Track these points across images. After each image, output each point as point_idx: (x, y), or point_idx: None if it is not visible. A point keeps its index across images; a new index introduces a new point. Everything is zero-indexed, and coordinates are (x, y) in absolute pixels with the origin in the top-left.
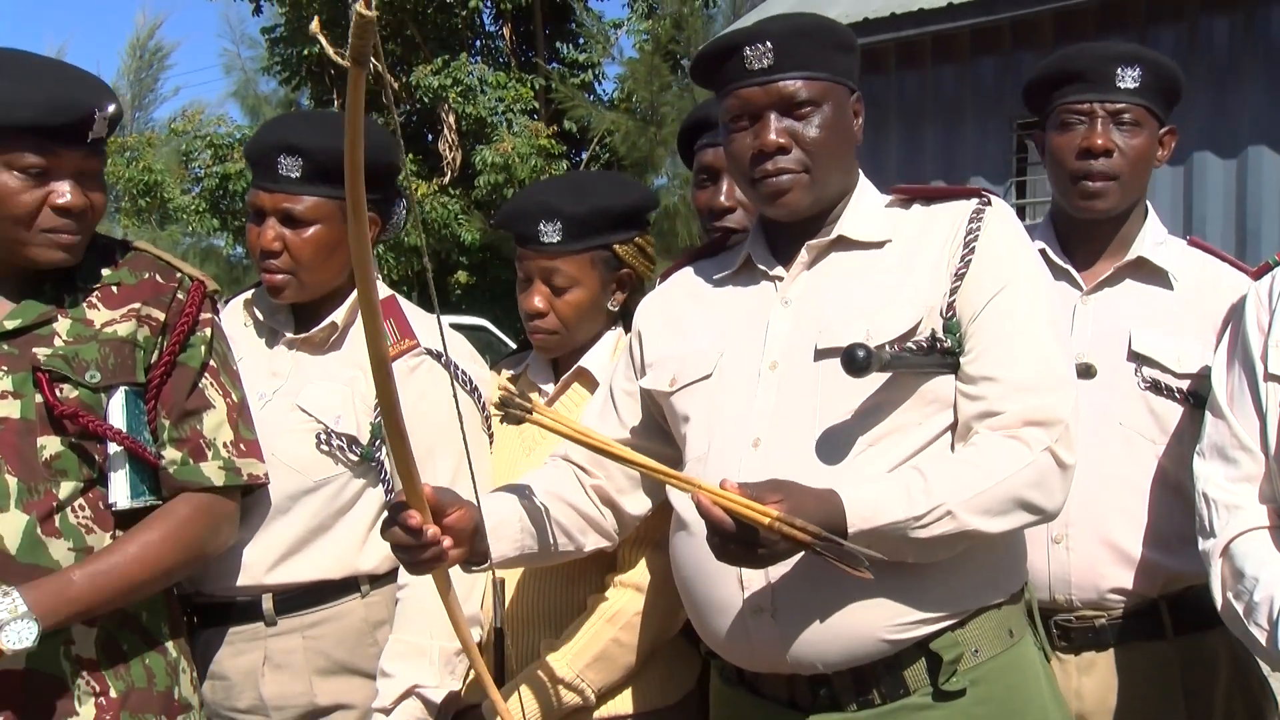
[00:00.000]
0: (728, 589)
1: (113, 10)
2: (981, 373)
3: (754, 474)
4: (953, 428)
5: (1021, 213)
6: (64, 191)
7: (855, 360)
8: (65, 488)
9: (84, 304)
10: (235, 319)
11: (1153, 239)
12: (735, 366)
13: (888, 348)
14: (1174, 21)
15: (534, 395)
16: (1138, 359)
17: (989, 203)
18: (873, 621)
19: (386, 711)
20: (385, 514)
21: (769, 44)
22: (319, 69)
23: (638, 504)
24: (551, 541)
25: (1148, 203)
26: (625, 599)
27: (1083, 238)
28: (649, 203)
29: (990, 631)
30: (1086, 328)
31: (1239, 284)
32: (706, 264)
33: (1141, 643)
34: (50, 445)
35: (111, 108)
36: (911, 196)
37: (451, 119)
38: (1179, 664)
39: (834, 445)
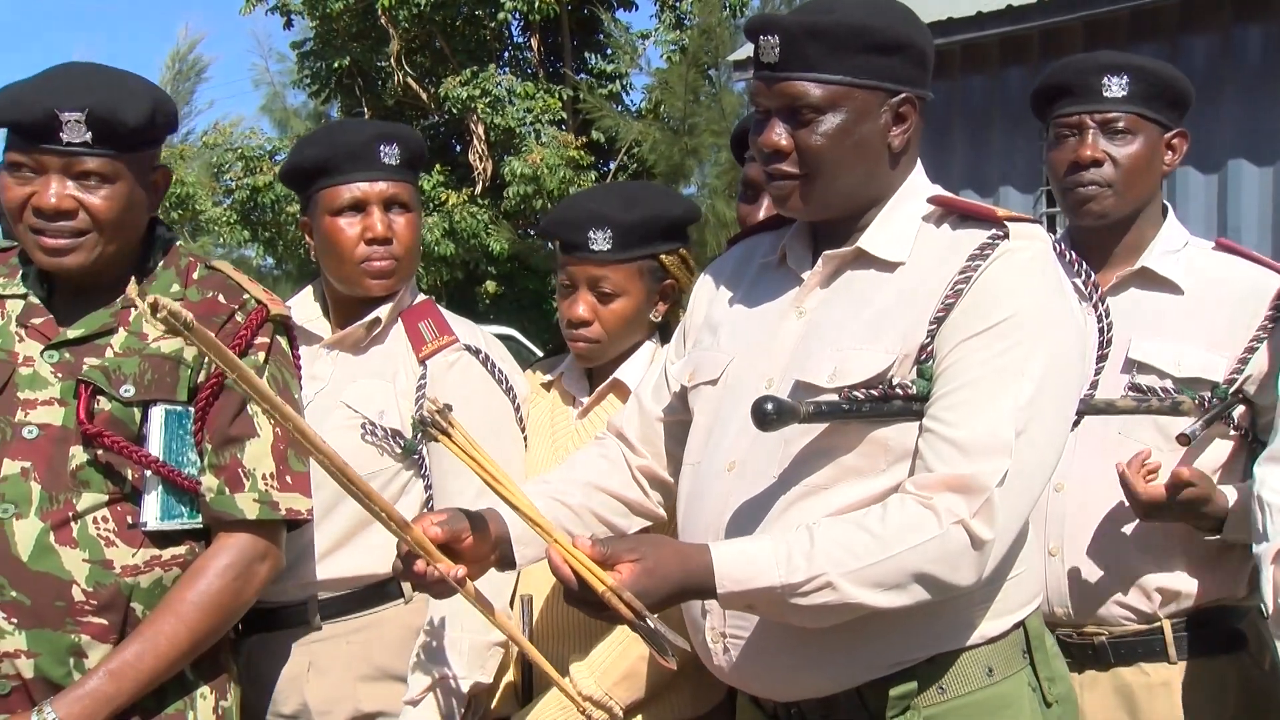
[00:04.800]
0: (697, 611)
1: (150, 26)
2: (928, 424)
3: (724, 499)
4: None
5: (1051, 222)
6: (44, 191)
7: (764, 416)
8: (87, 499)
9: (145, 318)
10: None
11: (1164, 247)
12: (739, 377)
13: (834, 395)
14: (1206, 30)
15: (569, 408)
16: (1132, 366)
17: (1005, 235)
18: (823, 666)
19: (415, 704)
20: (398, 563)
21: (775, 38)
22: (349, 81)
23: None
24: (588, 531)
25: (1168, 206)
26: None
27: (1093, 247)
28: (694, 214)
29: (963, 670)
30: (1090, 337)
31: (1260, 283)
32: (765, 239)
33: (1144, 663)
34: (78, 456)
35: (73, 114)
36: (947, 210)
37: (480, 130)
38: (1182, 688)
39: (793, 484)
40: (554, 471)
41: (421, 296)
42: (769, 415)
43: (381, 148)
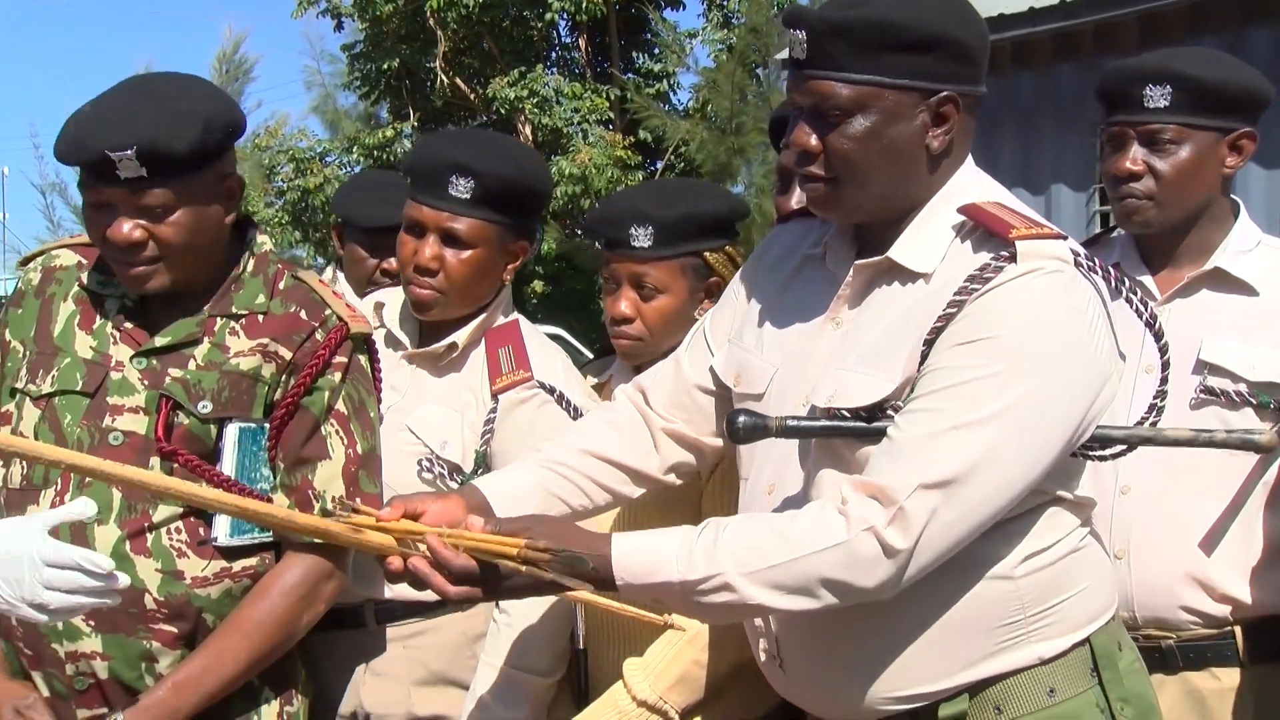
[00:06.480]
0: (752, 628)
1: (196, 28)
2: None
3: None
4: None
5: (1105, 220)
6: (116, 226)
7: (734, 429)
8: (163, 510)
9: (228, 330)
10: None
11: (1236, 247)
12: (781, 395)
13: (820, 415)
14: (1268, 23)
15: None
16: (1204, 368)
17: (1012, 258)
18: (874, 687)
19: None
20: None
21: (803, 34)
22: (396, 83)
23: (718, 443)
24: (588, 500)
25: (1239, 204)
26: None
27: (1155, 249)
28: (740, 211)
29: (1021, 691)
30: (1142, 356)
31: None
32: (814, 225)
33: (1215, 668)
34: (157, 467)
35: (122, 153)
36: (975, 223)
37: (528, 130)
38: (1254, 692)
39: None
40: (551, 441)
41: (512, 317)
42: (738, 430)
43: (453, 178)
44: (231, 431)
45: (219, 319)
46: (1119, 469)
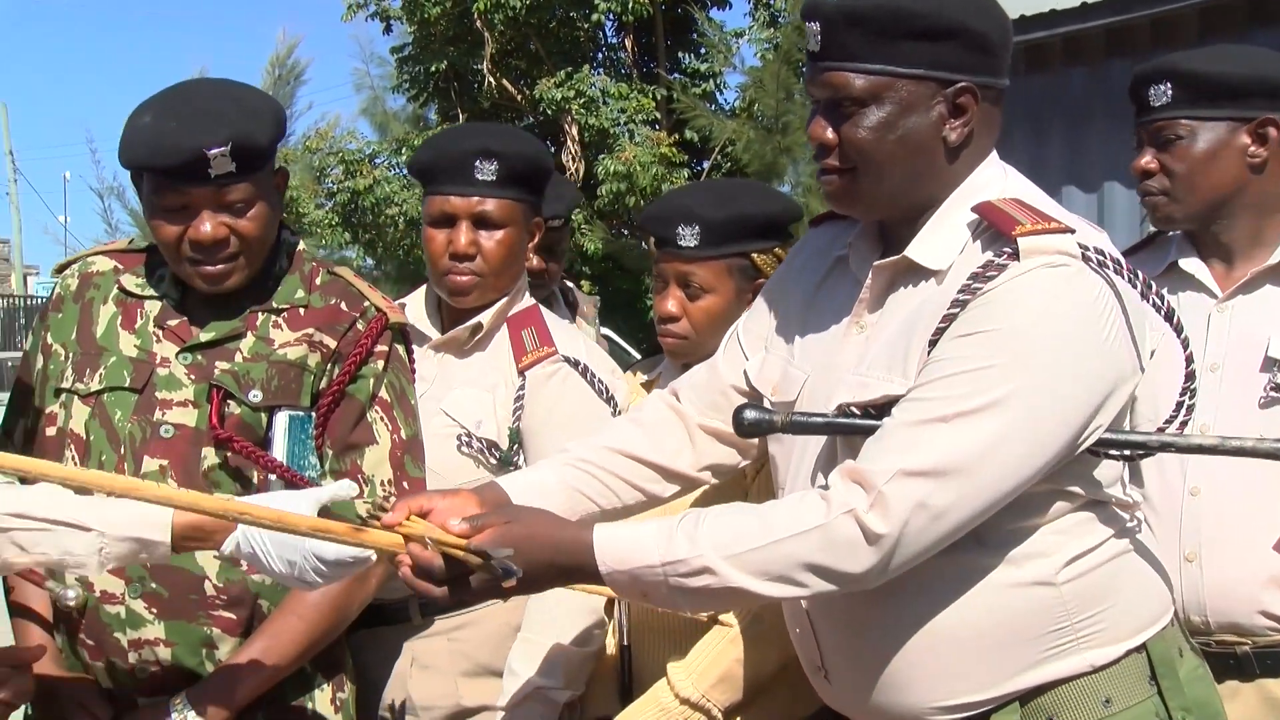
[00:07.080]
0: (796, 637)
1: (250, 32)
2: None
3: None
4: None
5: None
6: (198, 226)
7: (740, 423)
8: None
9: (271, 323)
10: None
11: None
12: (812, 399)
13: (832, 411)
14: None
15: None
16: (1273, 365)
17: (1016, 255)
18: (921, 696)
19: (510, 712)
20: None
21: (817, 25)
22: (444, 85)
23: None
24: (616, 498)
25: None
26: (747, 620)
27: (1201, 242)
28: (791, 213)
29: (1074, 700)
30: (1221, 336)
31: None
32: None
33: None
34: (210, 457)
35: (219, 149)
36: (988, 224)
37: (574, 130)
38: None
39: None
40: (576, 441)
41: (528, 301)
42: (743, 424)
43: (478, 163)
44: (281, 420)
45: (260, 314)
46: (1186, 470)
